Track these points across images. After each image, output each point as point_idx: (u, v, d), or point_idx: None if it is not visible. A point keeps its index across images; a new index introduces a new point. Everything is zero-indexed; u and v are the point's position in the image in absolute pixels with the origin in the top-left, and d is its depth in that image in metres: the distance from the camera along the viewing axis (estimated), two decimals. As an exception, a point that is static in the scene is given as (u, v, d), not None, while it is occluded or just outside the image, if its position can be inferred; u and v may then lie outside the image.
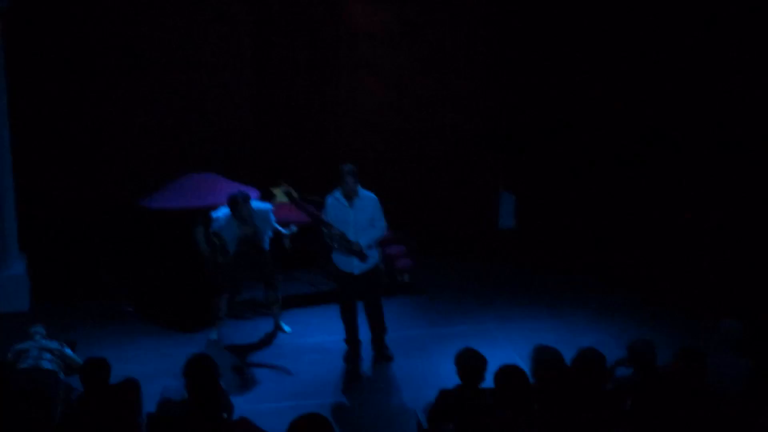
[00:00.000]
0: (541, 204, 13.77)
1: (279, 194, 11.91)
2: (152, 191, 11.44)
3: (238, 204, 9.68)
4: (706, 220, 11.55)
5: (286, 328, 10.52)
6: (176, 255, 11.90)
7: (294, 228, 10.26)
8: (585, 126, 13.07)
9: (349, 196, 9.21)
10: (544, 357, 6.91)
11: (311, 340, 10.42)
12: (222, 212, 9.92)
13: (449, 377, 7.24)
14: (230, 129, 13.01)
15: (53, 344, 8.79)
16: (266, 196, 11.83)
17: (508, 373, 6.42)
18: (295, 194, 11.52)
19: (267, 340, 10.41)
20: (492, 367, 6.67)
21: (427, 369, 9.63)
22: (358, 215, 9.21)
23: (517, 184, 14.12)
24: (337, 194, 9.29)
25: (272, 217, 10.10)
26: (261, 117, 13.23)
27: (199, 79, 12.80)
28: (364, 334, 9.95)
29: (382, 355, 9.82)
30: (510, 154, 13.95)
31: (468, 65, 13.57)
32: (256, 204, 10.00)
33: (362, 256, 9.24)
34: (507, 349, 9.91)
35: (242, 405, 8.04)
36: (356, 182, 9.21)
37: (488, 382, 6.73)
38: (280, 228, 10.17)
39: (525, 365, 6.75)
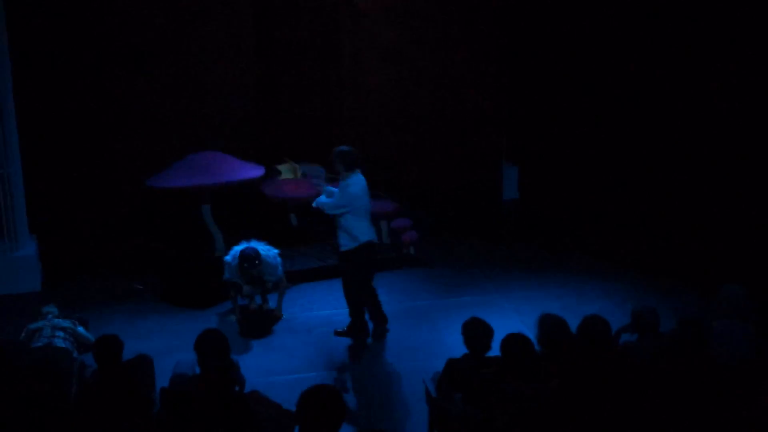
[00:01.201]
0: (545, 175, 13.81)
1: (284, 171, 11.97)
2: (159, 170, 11.50)
3: (244, 267, 9.88)
4: (708, 188, 11.60)
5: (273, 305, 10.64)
6: (184, 233, 12.00)
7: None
8: (588, 98, 13.08)
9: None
10: (550, 325, 6.99)
11: (320, 314, 10.50)
12: (233, 257, 10.05)
13: (456, 347, 7.34)
14: (235, 108, 13.03)
15: (66, 323, 8.89)
16: (271, 174, 11.90)
17: (514, 341, 6.49)
18: (300, 171, 11.62)
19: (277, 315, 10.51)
20: (498, 336, 6.75)
21: (434, 339, 9.72)
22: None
23: (520, 156, 14.17)
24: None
25: (280, 270, 10.25)
26: (265, 95, 13.26)
27: (204, 59, 12.81)
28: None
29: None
30: (513, 126, 13.99)
31: (470, 41, 13.57)
32: (266, 254, 10.08)
33: None
34: (513, 317, 10.00)
35: (253, 378, 8.14)
36: (340, 165, 9.31)
37: (495, 350, 6.83)
38: (283, 276, 10.33)
39: (531, 333, 6.83)
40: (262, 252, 9.98)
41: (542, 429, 5.97)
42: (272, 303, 10.55)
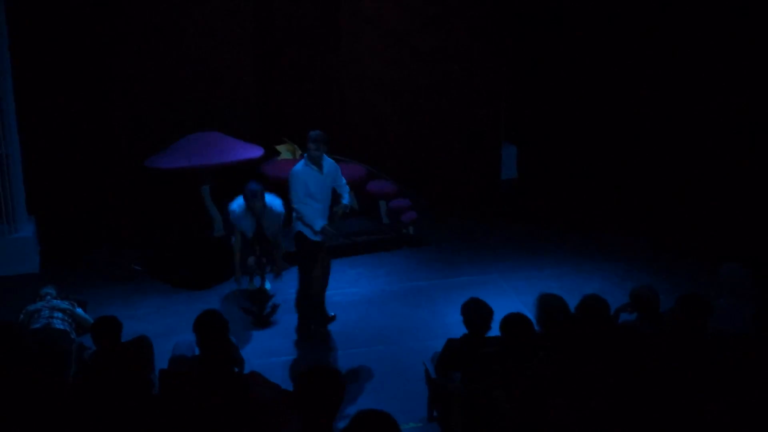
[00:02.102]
0: (543, 155, 13.79)
1: (283, 152, 11.95)
2: (158, 151, 11.47)
3: (247, 199, 9.78)
4: (710, 165, 11.59)
5: (267, 285, 10.57)
6: (184, 214, 11.98)
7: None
8: (587, 77, 13.05)
9: (316, 163, 9.10)
10: (549, 305, 6.97)
11: (319, 294, 10.49)
12: (237, 204, 9.98)
13: (456, 327, 7.33)
14: (235, 88, 12.99)
15: (64, 304, 8.89)
16: (271, 154, 11.87)
17: (513, 321, 6.48)
18: (299, 152, 11.60)
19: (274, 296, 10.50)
20: (497, 316, 6.74)
21: (433, 319, 9.73)
22: (327, 180, 9.17)
23: (519, 135, 14.14)
24: (307, 161, 9.12)
25: (281, 222, 10.14)
26: (265, 76, 13.22)
27: (203, 39, 12.76)
28: (367, 287, 9.99)
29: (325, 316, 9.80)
30: (512, 106, 13.96)
31: (471, 19, 13.51)
32: (271, 202, 9.99)
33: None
34: (512, 297, 10.00)
35: (253, 359, 8.15)
36: (321, 152, 9.03)
37: (494, 330, 6.82)
38: (281, 232, 10.22)
39: (530, 313, 6.82)
40: (267, 198, 9.93)
41: (541, 408, 5.97)
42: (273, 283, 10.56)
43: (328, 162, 9.16)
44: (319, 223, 9.05)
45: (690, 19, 11.59)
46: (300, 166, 9.11)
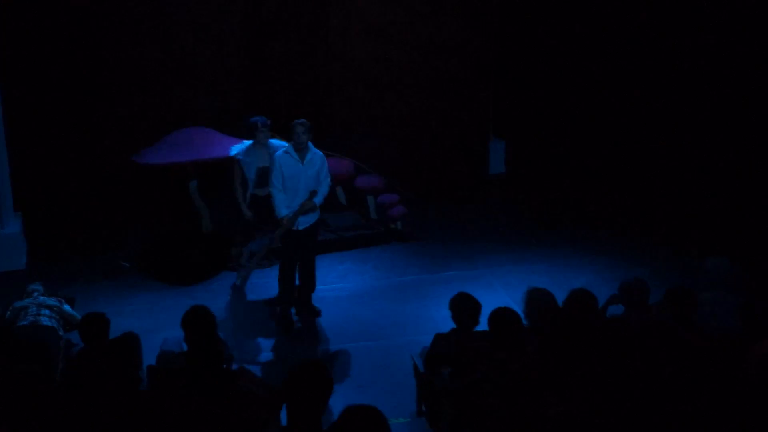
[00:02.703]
0: (532, 150, 13.79)
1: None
2: (146, 147, 11.42)
3: (256, 128, 9.84)
4: (698, 159, 11.61)
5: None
6: (172, 210, 11.95)
7: None
8: (575, 72, 13.05)
9: (300, 150, 9.13)
10: (537, 299, 7.00)
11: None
12: (243, 144, 10.19)
13: (444, 322, 7.34)
14: (221, 83, 12.96)
15: (52, 301, 8.85)
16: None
17: (501, 315, 6.49)
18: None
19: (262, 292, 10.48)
20: (486, 311, 6.75)
21: (422, 314, 9.72)
22: (308, 171, 9.16)
23: (507, 129, 14.13)
24: (289, 149, 9.20)
25: None
26: (251, 70, 13.19)
27: (190, 33, 12.71)
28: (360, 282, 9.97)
29: (310, 311, 9.76)
30: (500, 101, 13.96)
31: (457, 15, 13.50)
32: (277, 143, 10.03)
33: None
34: (500, 292, 10.00)
35: (240, 355, 8.13)
36: (307, 137, 9.09)
37: (482, 325, 6.82)
38: None
39: (518, 308, 6.83)
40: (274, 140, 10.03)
41: (529, 402, 5.98)
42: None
43: (313, 152, 9.17)
44: (283, 212, 9.11)
45: (681, 15, 11.60)
46: (281, 151, 9.22)
